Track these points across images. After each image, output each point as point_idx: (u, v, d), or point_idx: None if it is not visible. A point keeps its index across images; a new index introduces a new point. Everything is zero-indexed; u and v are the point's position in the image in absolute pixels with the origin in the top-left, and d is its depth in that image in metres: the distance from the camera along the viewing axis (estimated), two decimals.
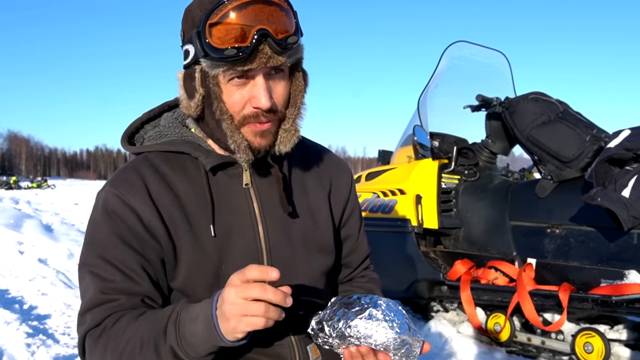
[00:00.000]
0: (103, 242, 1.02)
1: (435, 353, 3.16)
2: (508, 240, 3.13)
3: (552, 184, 2.97)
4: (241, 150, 1.02)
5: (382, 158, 4.21)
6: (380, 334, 0.91)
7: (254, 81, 0.99)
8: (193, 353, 0.91)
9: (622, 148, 2.59)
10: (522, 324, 3.13)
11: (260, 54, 0.95)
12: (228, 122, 1.00)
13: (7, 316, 3.66)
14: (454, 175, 3.43)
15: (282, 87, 1.03)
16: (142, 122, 1.21)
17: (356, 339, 0.92)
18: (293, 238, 1.12)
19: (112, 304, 0.99)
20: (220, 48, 0.93)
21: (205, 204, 1.06)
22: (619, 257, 2.66)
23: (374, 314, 0.92)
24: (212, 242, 1.05)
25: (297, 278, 1.10)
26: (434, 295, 3.38)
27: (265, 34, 0.93)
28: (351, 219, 1.29)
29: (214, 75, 0.97)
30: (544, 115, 3.04)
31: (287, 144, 1.05)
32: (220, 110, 1.00)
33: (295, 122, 1.06)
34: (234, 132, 1.01)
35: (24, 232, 8.20)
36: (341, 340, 0.94)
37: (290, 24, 0.98)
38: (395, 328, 0.91)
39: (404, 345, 0.93)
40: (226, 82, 0.98)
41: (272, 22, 0.94)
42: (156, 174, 1.06)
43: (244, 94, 0.99)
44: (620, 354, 2.79)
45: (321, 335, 0.97)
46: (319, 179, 1.22)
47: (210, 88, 0.99)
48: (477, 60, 3.78)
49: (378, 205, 3.50)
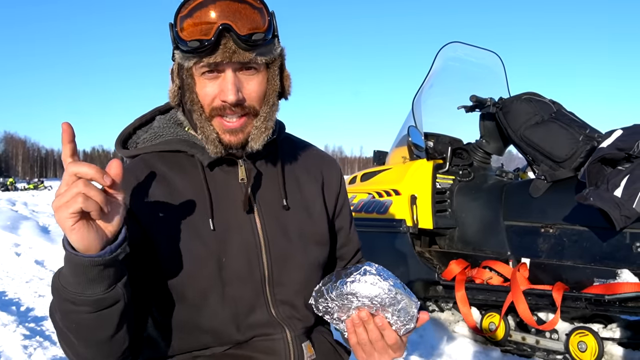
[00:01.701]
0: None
1: (430, 353, 3.18)
2: (502, 240, 3.15)
3: (546, 183, 2.99)
4: (209, 142, 1.05)
5: (377, 159, 4.23)
6: (376, 287, 0.95)
7: (224, 74, 1.03)
8: (72, 289, 0.86)
9: (615, 148, 2.61)
10: (516, 323, 3.15)
11: (224, 48, 0.99)
12: (198, 112, 1.05)
13: (4, 318, 3.67)
14: (448, 175, 3.45)
15: (255, 84, 1.06)
16: (135, 128, 1.23)
17: (352, 295, 0.96)
18: (289, 231, 1.14)
19: None
20: (186, 40, 0.99)
21: (204, 199, 1.08)
22: (611, 257, 2.68)
23: (369, 270, 0.97)
24: (212, 235, 1.07)
25: (294, 270, 1.13)
26: (429, 295, 3.39)
27: (227, 28, 0.98)
28: (343, 211, 1.32)
29: (188, 67, 1.02)
30: (537, 115, 3.06)
31: (257, 141, 1.08)
32: (192, 101, 1.05)
33: (267, 120, 1.08)
34: (203, 123, 1.05)
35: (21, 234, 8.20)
36: (339, 300, 0.98)
37: (259, 22, 1.01)
38: (389, 282, 0.96)
39: (398, 302, 0.97)
40: (199, 75, 1.03)
41: (238, 19, 0.99)
42: (153, 175, 1.09)
43: (214, 87, 1.03)
44: (613, 353, 2.81)
45: (321, 301, 1.01)
46: (311, 173, 1.25)
47: (184, 79, 1.04)
48: (471, 60, 3.80)
49: (373, 206, 3.52)
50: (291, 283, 1.12)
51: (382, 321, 0.98)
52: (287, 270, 1.12)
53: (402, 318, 0.98)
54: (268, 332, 1.09)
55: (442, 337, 3.33)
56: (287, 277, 1.12)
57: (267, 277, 1.10)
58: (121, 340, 0.94)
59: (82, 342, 0.92)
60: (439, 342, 3.28)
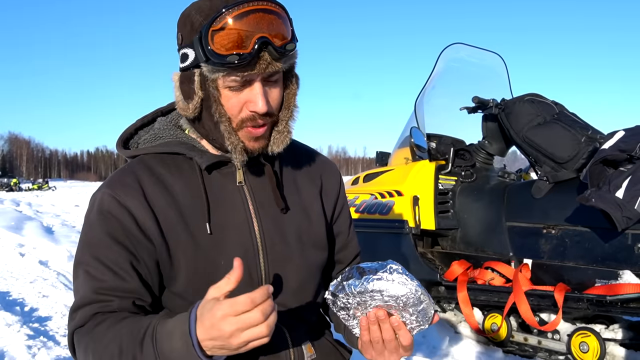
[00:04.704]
0: (96, 241, 1.04)
1: (433, 353, 3.19)
2: (504, 241, 3.15)
3: (548, 185, 2.99)
4: (237, 152, 1.06)
5: (380, 159, 4.23)
6: (401, 287, 0.96)
7: (252, 86, 1.02)
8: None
9: (617, 149, 2.60)
10: (518, 324, 3.15)
11: (261, 61, 0.99)
12: (226, 124, 1.04)
13: (8, 318, 3.69)
14: (451, 176, 3.45)
15: (277, 91, 1.07)
16: (136, 128, 1.24)
17: (378, 293, 0.96)
18: (287, 234, 1.15)
19: (101, 304, 1.01)
20: (223, 54, 0.97)
21: (201, 202, 1.09)
22: (613, 258, 2.68)
23: (395, 268, 0.98)
24: (209, 239, 1.07)
25: (292, 273, 1.13)
26: (431, 296, 3.39)
27: (266, 41, 0.97)
28: (342, 215, 1.33)
29: (214, 79, 1.01)
30: (539, 116, 3.06)
31: (279, 145, 1.10)
32: (219, 112, 1.03)
33: (288, 124, 1.10)
34: (231, 133, 1.05)
35: (25, 234, 8.25)
36: (361, 296, 0.98)
37: (287, 31, 1.02)
38: (414, 283, 0.96)
39: (421, 303, 0.97)
40: (224, 87, 1.02)
41: (272, 30, 0.98)
42: (152, 176, 1.09)
43: (241, 98, 1.03)
44: (615, 353, 2.81)
45: (340, 296, 1.01)
46: (310, 178, 1.26)
47: (210, 91, 1.02)
48: (473, 62, 3.80)
49: (376, 207, 3.53)
50: (289, 286, 1.13)
51: (397, 321, 1.00)
52: (285, 273, 1.12)
53: (420, 319, 1.00)
54: None
55: (444, 337, 3.34)
56: (285, 279, 1.12)
57: (265, 279, 1.10)
58: None
59: None
60: (441, 342, 3.29)
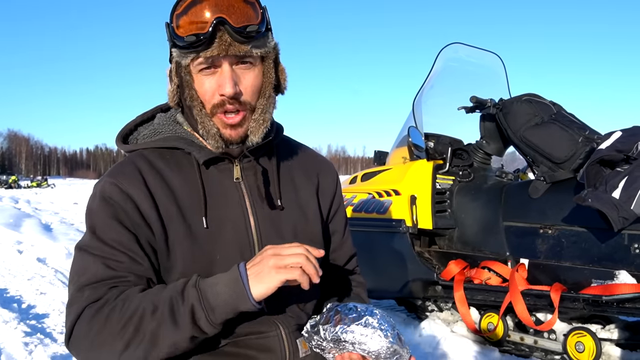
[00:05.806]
0: (102, 225, 1.05)
1: (429, 352, 3.19)
2: (501, 240, 3.16)
3: (545, 185, 3.00)
4: (210, 137, 1.08)
5: (378, 159, 4.24)
6: (375, 342, 0.96)
7: (221, 69, 1.06)
8: (212, 316, 0.95)
9: (613, 149, 2.61)
10: (515, 324, 3.16)
11: (220, 41, 1.02)
12: (198, 108, 1.08)
13: (6, 315, 3.68)
14: (448, 176, 3.46)
15: (252, 77, 1.09)
16: (136, 125, 1.26)
17: (350, 344, 0.96)
18: (283, 230, 1.16)
19: (117, 280, 1.02)
20: (183, 36, 1.02)
21: (198, 197, 1.10)
22: (609, 258, 2.69)
23: (371, 322, 0.97)
24: (205, 233, 1.09)
25: None
26: (428, 295, 3.40)
27: (222, 21, 1.01)
28: (338, 214, 1.34)
29: (186, 65, 1.06)
30: (537, 116, 3.07)
31: (256, 134, 1.11)
32: (191, 97, 1.08)
33: (264, 113, 1.11)
34: (204, 118, 1.08)
35: (23, 232, 8.24)
36: (335, 344, 0.98)
37: (253, 15, 1.05)
38: (389, 337, 0.96)
39: (394, 355, 0.97)
40: (197, 72, 1.06)
41: (232, 13, 1.03)
42: (152, 169, 1.11)
43: (213, 83, 1.06)
44: (611, 353, 2.82)
45: (315, 338, 1.01)
46: (307, 176, 1.27)
47: (183, 77, 1.07)
48: (471, 61, 3.80)
49: (373, 206, 3.53)
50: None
51: None
52: None
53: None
54: (262, 330, 1.11)
55: (440, 337, 3.34)
56: None
57: None
58: None
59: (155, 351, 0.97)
60: (437, 342, 3.29)
